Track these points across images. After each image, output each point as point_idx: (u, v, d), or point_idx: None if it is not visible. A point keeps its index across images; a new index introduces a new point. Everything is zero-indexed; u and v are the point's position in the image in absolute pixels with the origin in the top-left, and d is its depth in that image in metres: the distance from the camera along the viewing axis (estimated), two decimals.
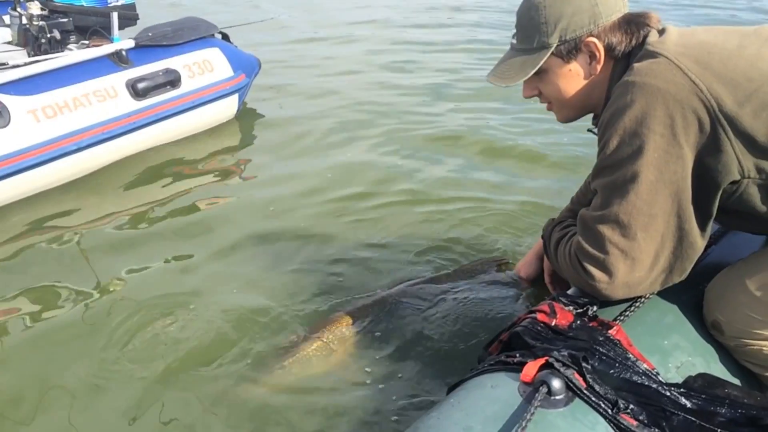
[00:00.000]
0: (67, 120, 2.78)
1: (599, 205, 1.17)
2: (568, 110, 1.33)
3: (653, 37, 1.19)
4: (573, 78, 1.26)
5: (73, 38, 3.12)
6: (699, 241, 1.14)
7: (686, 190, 1.11)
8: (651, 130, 1.08)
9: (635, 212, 1.11)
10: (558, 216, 1.64)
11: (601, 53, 1.22)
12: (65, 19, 3.05)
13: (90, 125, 2.84)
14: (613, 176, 1.14)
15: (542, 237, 1.66)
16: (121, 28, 3.17)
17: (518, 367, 1.06)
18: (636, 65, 1.14)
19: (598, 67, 1.23)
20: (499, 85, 1.29)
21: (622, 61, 1.22)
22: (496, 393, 1.04)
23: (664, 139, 1.08)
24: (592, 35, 1.21)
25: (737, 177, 1.09)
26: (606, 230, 1.14)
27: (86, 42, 3.16)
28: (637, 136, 1.10)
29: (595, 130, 1.28)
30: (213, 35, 3.47)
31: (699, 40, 1.16)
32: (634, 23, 1.22)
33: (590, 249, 1.16)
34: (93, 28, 3.15)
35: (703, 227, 1.14)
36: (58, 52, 2.98)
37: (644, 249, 1.12)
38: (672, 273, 1.16)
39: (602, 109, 1.22)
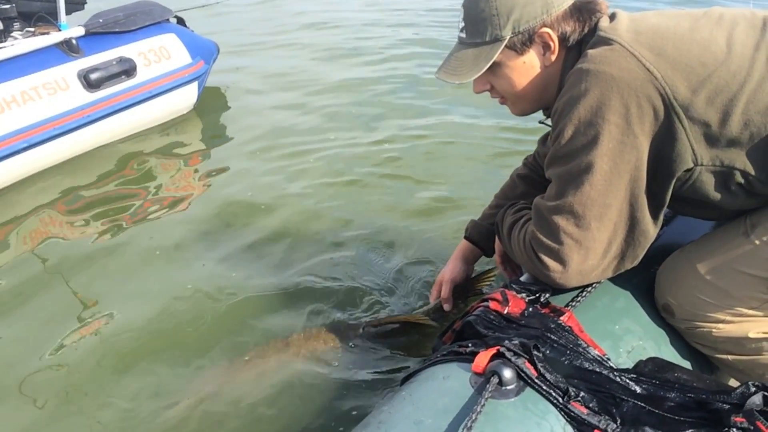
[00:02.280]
0: (16, 116, 2.67)
1: (554, 195, 1.15)
2: (524, 103, 1.29)
3: (605, 23, 1.17)
4: (527, 70, 1.22)
5: (17, 26, 2.97)
6: (651, 229, 1.14)
7: (640, 179, 1.10)
8: (606, 120, 1.06)
9: (589, 203, 1.10)
10: (481, 215, 1.61)
11: (555, 43, 1.19)
12: (7, 5, 2.90)
13: (41, 120, 2.73)
14: (567, 166, 1.12)
15: (465, 237, 1.64)
16: (68, 13, 3.02)
17: (470, 357, 1.04)
18: (590, 52, 1.11)
19: (552, 57, 1.20)
20: (451, 83, 1.24)
21: (574, 49, 1.19)
22: (447, 385, 1.02)
23: (618, 129, 1.07)
24: (545, 25, 1.18)
25: (690, 165, 1.09)
26: (560, 221, 1.13)
27: (32, 29, 3.01)
28: (592, 126, 1.08)
29: (547, 122, 1.25)
30: (168, 20, 3.36)
31: (651, 24, 1.13)
32: (585, 10, 1.19)
33: (545, 239, 1.15)
34: (38, 14, 3.00)
35: (655, 215, 1.13)
36: (1, 41, 2.84)
37: (597, 238, 1.12)
38: (624, 260, 1.16)
39: (556, 98, 1.19)
